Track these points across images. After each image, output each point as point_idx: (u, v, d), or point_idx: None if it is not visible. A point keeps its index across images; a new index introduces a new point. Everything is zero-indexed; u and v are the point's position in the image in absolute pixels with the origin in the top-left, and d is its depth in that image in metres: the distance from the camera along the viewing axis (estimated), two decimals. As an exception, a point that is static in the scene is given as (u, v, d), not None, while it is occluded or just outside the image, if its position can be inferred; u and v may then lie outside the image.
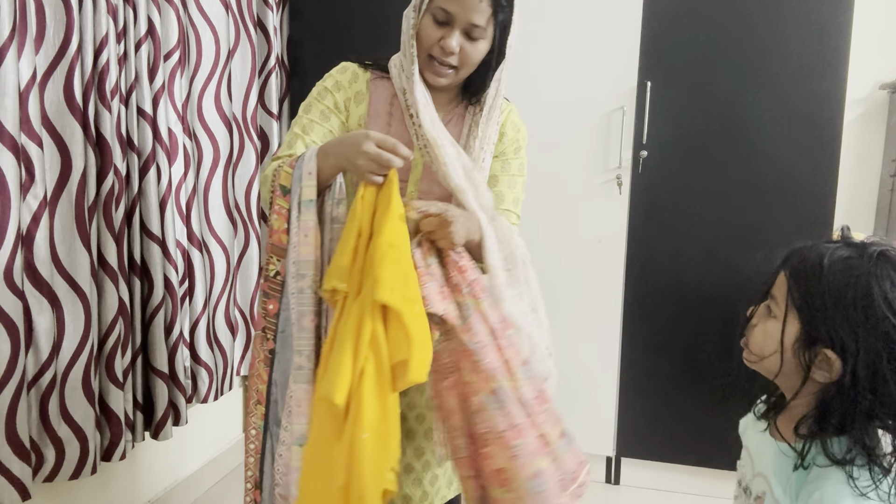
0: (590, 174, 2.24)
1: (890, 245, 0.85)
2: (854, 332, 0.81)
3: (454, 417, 1.15)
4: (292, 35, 2.42)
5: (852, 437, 0.83)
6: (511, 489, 1.12)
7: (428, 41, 1.22)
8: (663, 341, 2.24)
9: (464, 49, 1.21)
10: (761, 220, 2.12)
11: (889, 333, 0.80)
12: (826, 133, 2.07)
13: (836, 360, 0.82)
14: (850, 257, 0.84)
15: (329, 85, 1.32)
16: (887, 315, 0.80)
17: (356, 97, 1.31)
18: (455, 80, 1.26)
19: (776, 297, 0.90)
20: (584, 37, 2.19)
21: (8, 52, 1.32)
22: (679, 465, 2.30)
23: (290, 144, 1.26)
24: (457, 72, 1.24)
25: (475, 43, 1.22)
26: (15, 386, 1.38)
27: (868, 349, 0.80)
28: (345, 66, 1.34)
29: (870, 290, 0.81)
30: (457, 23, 1.19)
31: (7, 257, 1.35)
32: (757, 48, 2.08)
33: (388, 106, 1.30)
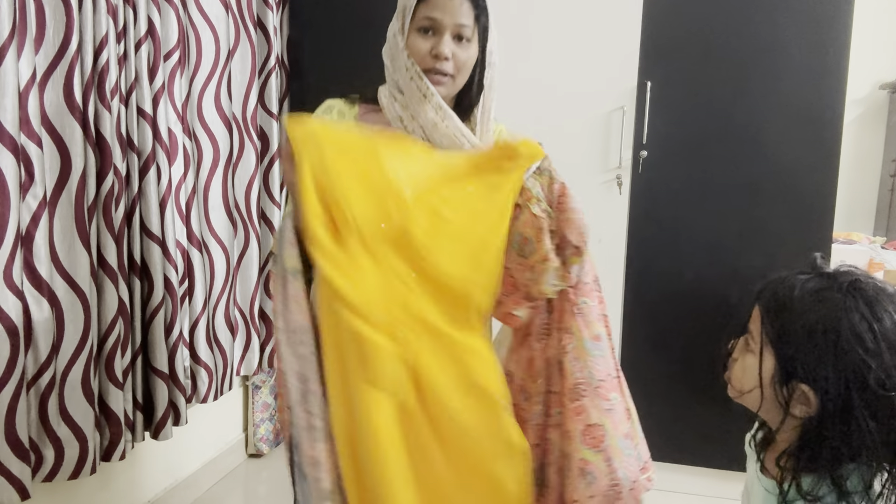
0: (590, 174, 2.24)
1: (863, 274, 0.83)
2: (825, 367, 0.79)
3: (537, 381, 1.13)
4: (292, 35, 2.42)
5: (819, 473, 0.81)
6: (602, 448, 1.07)
7: (420, 54, 1.21)
8: (663, 341, 2.24)
9: (456, 54, 1.21)
10: (761, 220, 2.12)
11: (858, 367, 0.77)
12: (826, 133, 2.07)
13: (811, 394, 0.81)
14: (821, 289, 0.82)
15: None
16: (855, 348, 0.77)
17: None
18: (452, 89, 1.25)
19: (752, 331, 0.89)
20: (584, 37, 2.19)
21: (8, 52, 1.32)
22: (679, 465, 2.30)
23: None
24: (453, 80, 1.24)
25: (465, 46, 1.22)
26: (14, 386, 1.38)
27: (838, 383, 0.78)
28: (329, 105, 1.32)
29: (838, 322, 0.79)
30: (444, 28, 1.20)
31: (7, 257, 1.35)
32: (757, 48, 2.08)
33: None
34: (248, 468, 2.44)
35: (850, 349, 0.77)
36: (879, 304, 0.79)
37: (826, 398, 0.79)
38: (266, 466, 2.45)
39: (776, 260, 2.11)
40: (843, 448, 0.79)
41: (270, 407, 2.51)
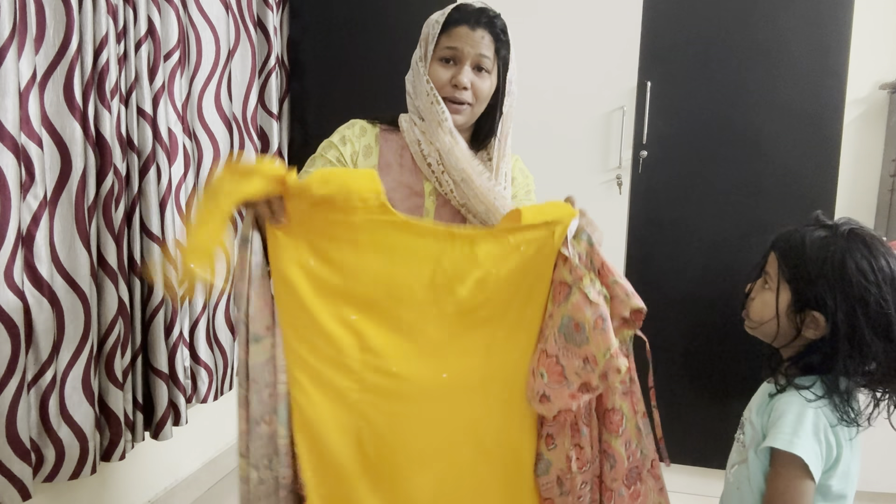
0: (590, 174, 2.24)
1: (858, 224, 1.04)
2: (834, 296, 0.98)
3: (586, 471, 1.11)
4: (292, 35, 2.42)
5: (823, 378, 1.01)
6: None
7: (440, 82, 1.26)
8: (663, 341, 2.24)
9: (475, 84, 1.26)
10: (761, 220, 2.12)
11: (862, 294, 0.97)
12: (826, 133, 2.07)
13: (821, 319, 1.00)
14: (826, 236, 1.02)
15: (335, 140, 1.32)
16: (860, 280, 0.97)
17: (364, 151, 1.32)
18: (470, 117, 1.29)
19: (770, 273, 1.08)
20: (584, 37, 2.19)
21: (8, 52, 1.32)
22: (679, 465, 2.30)
23: None
24: (471, 108, 1.28)
25: (485, 77, 1.26)
26: (15, 386, 1.38)
27: (846, 308, 0.98)
28: (352, 122, 1.36)
29: (844, 261, 0.99)
30: (465, 58, 1.24)
31: (7, 257, 1.35)
32: (757, 48, 2.08)
33: (399, 157, 1.32)
34: (248, 468, 2.44)
35: (855, 281, 0.98)
36: (874, 246, 1.00)
37: (836, 320, 0.98)
38: (266, 466, 2.45)
39: (776, 260, 2.11)
40: (852, 360, 0.98)
41: (270, 407, 2.51)
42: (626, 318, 1.06)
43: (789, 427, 0.98)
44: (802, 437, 0.97)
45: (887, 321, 0.97)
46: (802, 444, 0.97)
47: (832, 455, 0.99)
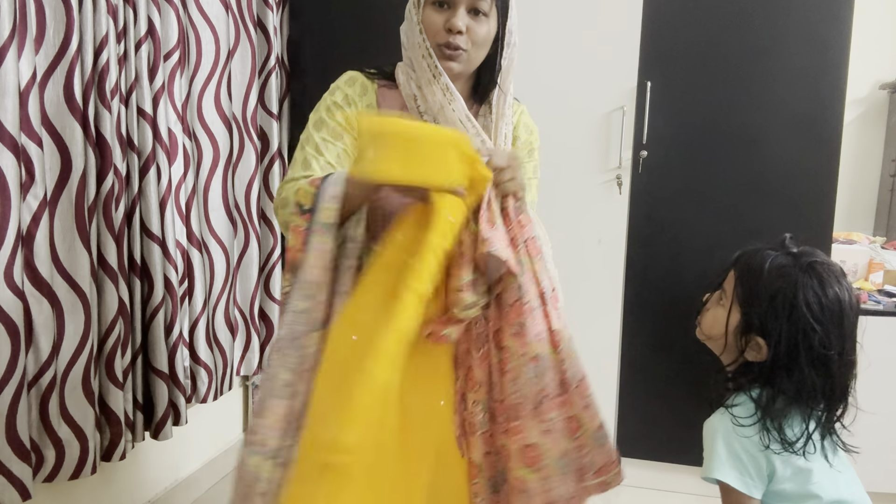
0: (590, 174, 2.24)
1: (821, 256, 1.06)
2: (779, 326, 1.02)
3: (479, 391, 1.11)
4: (292, 35, 2.42)
5: (751, 396, 1.08)
6: (539, 468, 1.07)
7: (434, 28, 1.19)
8: (663, 341, 2.24)
9: (471, 28, 1.19)
10: (761, 220, 2.12)
11: (806, 330, 1.00)
12: (826, 133, 2.07)
13: (764, 345, 1.04)
14: (785, 265, 1.04)
15: (339, 99, 1.27)
16: (806, 315, 1.00)
17: (367, 111, 1.28)
18: (467, 65, 1.22)
19: (726, 290, 1.11)
20: (584, 37, 2.19)
21: (8, 52, 1.32)
22: (679, 465, 2.30)
23: (305, 165, 1.22)
24: (468, 55, 1.21)
25: (482, 20, 1.19)
26: (15, 386, 1.38)
27: (789, 340, 1.01)
28: (352, 78, 1.30)
29: (795, 294, 1.01)
30: (459, 1, 1.18)
31: (7, 257, 1.35)
32: (757, 48, 2.08)
33: (399, 114, 1.26)
34: (248, 468, 2.43)
35: (801, 315, 1.01)
36: (827, 283, 1.02)
37: (777, 350, 1.02)
38: (266, 466, 2.45)
39: (776, 260, 2.11)
40: (785, 388, 1.03)
41: (270, 407, 2.51)
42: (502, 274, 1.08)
43: (707, 453, 1.07)
44: (718, 462, 1.06)
45: (826, 360, 1.01)
46: (720, 469, 1.06)
47: (763, 468, 1.05)
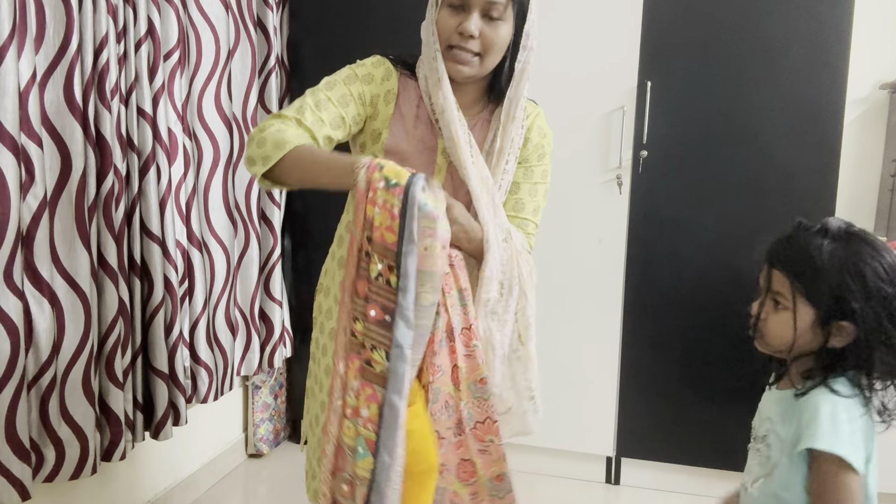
0: (590, 174, 2.24)
1: (846, 223, 1.04)
2: (860, 303, 0.99)
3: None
4: (292, 35, 2.42)
5: (851, 377, 1.02)
6: (470, 483, 1.09)
7: (446, 30, 1.18)
8: (663, 341, 2.24)
9: (484, 33, 1.16)
10: (761, 220, 2.12)
11: (884, 295, 0.99)
12: (826, 133, 2.07)
13: (850, 327, 1.00)
14: (830, 246, 1.01)
15: (360, 73, 1.25)
16: (878, 282, 0.99)
17: (386, 96, 1.26)
18: (480, 70, 1.21)
19: (781, 292, 1.05)
20: (584, 37, 2.19)
21: (8, 52, 1.32)
22: (679, 465, 2.30)
23: (299, 110, 1.19)
24: (481, 60, 1.19)
25: (496, 25, 1.17)
26: (15, 386, 1.38)
27: (872, 313, 0.98)
28: (380, 61, 1.28)
29: (859, 267, 0.99)
30: (473, 5, 1.15)
31: (7, 257, 1.35)
32: (757, 48, 2.08)
33: (415, 108, 1.26)
34: (248, 468, 2.44)
35: (874, 284, 0.99)
36: (878, 246, 1.02)
37: (865, 324, 0.99)
38: (266, 466, 2.45)
39: (776, 260, 2.11)
40: (887, 359, 1.00)
41: (270, 407, 2.51)
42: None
43: (826, 426, 0.97)
44: (840, 435, 0.97)
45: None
46: (841, 442, 0.96)
47: (868, 449, 1.00)
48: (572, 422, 2.33)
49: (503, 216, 1.25)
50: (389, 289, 0.99)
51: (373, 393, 1.00)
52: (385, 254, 0.99)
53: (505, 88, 1.25)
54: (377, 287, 1.00)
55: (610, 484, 2.37)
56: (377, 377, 1.00)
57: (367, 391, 1.01)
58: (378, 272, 1.00)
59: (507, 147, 1.27)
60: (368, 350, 1.01)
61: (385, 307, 0.99)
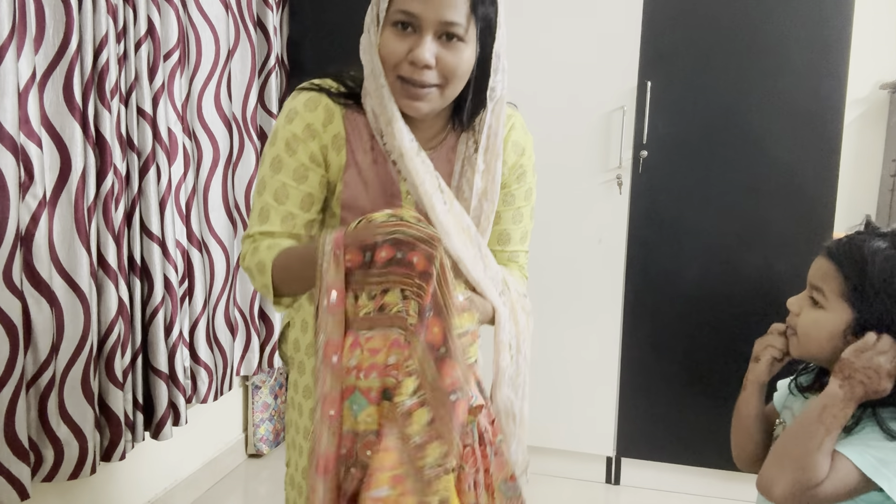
0: (590, 174, 2.24)
1: None
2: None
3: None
4: (292, 35, 2.42)
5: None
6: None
7: (393, 58, 0.95)
8: (663, 341, 2.24)
9: (443, 59, 0.94)
10: (761, 220, 2.12)
11: None
12: (826, 133, 2.07)
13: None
14: (890, 249, 0.92)
15: (299, 131, 1.02)
16: None
17: (334, 142, 1.04)
18: (440, 103, 0.99)
19: (822, 289, 0.97)
20: (584, 37, 2.19)
21: (7, 52, 1.32)
22: (679, 465, 2.30)
23: (261, 217, 1.03)
24: (441, 91, 0.97)
25: (456, 48, 0.94)
26: (14, 386, 1.38)
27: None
28: (314, 100, 1.03)
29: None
30: (425, 25, 0.92)
31: (6, 257, 1.35)
32: (757, 48, 2.08)
33: (370, 151, 1.04)
34: (248, 468, 2.44)
35: None
36: None
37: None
38: (266, 466, 2.45)
39: (776, 260, 2.11)
40: None
41: (270, 407, 2.51)
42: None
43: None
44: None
45: None
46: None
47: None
48: (572, 422, 2.33)
49: (493, 263, 1.06)
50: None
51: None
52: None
53: (474, 112, 1.03)
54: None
55: (610, 484, 2.37)
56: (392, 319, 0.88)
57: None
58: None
59: (490, 190, 1.06)
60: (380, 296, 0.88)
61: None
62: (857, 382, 0.89)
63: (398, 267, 0.86)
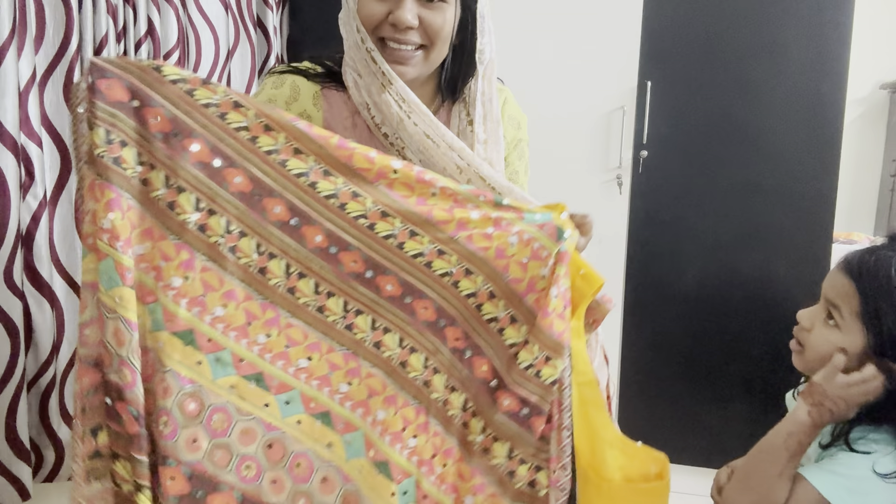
0: (590, 174, 2.24)
1: None
2: None
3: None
4: (292, 35, 2.42)
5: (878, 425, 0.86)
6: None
7: (373, 20, 0.92)
8: (663, 341, 2.24)
9: (425, 20, 0.92)
10: (761, 220, 2.12)
11: None
12: (826, 133, 2.07)
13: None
14: None
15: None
16: None
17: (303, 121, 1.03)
18: (425, 67, 0.97)
19: (839, 305, 0.90)
20: (584, 37, 2.19)
21: (8, 52, 1.32)
22: (679, 465, 2.29)
23: None
24: (426, 52, 0.95)
25: (438, 8, 0.93)
26: (15, 386, 1.38)
27: None
28: (280, 80, 1.03)
29: None
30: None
31: (7, 257, 1.35)
32: (757, 48, 2.08)
33: (351, 124, 1.00)
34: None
35: None
36: None
37: None
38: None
39: (776, 260, 2.11)
40: None
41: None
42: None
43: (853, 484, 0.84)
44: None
45: None
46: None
47: None
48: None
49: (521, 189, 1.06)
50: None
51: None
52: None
53: (462, 79, 1.00)
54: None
55: (610, 484, 2.37)
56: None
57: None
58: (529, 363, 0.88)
59: (496, 160, 1.03)
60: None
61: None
62: (825, 410, 0.85)
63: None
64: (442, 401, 0.88)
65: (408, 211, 0.84)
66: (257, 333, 0.83)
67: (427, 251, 0.85)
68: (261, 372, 0.84)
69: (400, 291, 0.85)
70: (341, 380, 0.86)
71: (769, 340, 2.08)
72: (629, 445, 0.96)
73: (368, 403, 0.87)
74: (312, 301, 0.84)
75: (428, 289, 0.86)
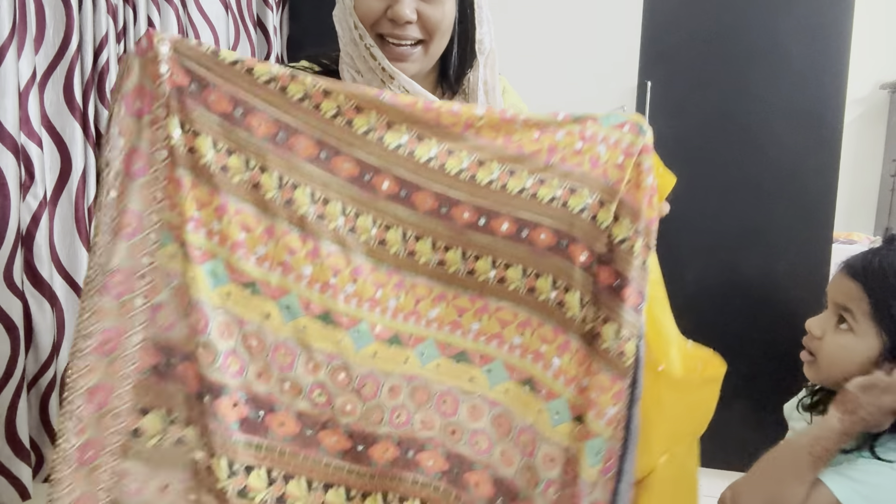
0: (590, 174, 2.24)
1: None
2: None
3: None
4: (292, 35, 2.42)
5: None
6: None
7: (371, 15, 0.91)
8: (663, 341, 2.24)
9: (424, 13, 0.91)
10: (761, 220, 2.12)
11: None
12: (826, 133, 2.07)
13: None
14: None
15: None
16: None
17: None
18: (425, 62, 0.96)
19: (851, 309, 0.88)
20: (584, 37, 2.19)
21: (8, 52, 1.32)
22: (679, 465, 2.30)
23: None
24: (425, 47, 0.94)
25: (436, 0, 0.92)
26: (15, 386, 1.38)
27: None
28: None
29: None
30: None
31: (7, 257, 1.35)
32: (757, 48, 2.08)
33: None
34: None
35: None
36: None
37: None
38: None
39: (776, 259, 2.11)
40: None
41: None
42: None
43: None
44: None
45: None
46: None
47: None
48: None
49: None
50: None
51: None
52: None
53: (461, 72, 1.00)
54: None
55: (610, 484, 2.37)
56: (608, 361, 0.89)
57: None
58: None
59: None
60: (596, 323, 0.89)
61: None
62: (858, 419, 0.82)
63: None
64: (580, 318, 0.91)
65: (501, 152, 0.88)
66: (388, 299, 0.89)
67: (529, 184, 0.89)
68: (396, 333, 0.89)
69: (515, 228, 0.89)
70: (472, 320, 0.91)
71: (769, 340, 2.08)
72: (684, 345, 1.02)
73: (502, 334, 0.91)
74: (432, 258, 0.89)
75: (541, 217, 0.89)
